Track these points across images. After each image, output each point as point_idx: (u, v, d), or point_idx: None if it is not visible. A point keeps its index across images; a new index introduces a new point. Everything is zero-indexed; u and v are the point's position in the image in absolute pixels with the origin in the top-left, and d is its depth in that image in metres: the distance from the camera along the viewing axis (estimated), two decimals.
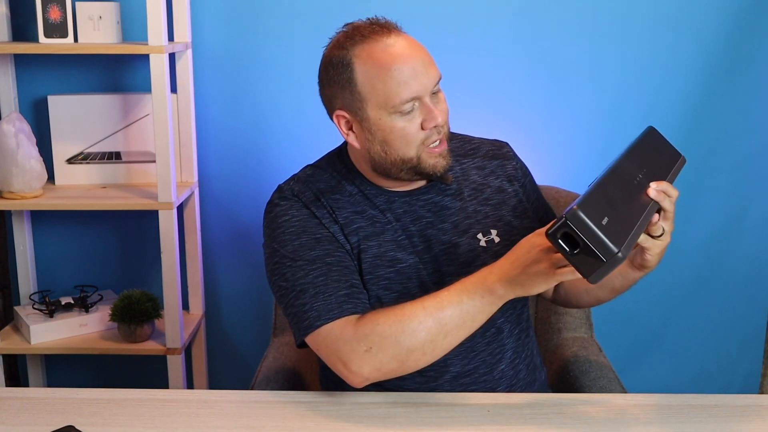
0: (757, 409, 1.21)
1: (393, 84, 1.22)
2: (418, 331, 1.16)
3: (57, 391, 1.25)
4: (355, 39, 1.25)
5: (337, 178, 1.36)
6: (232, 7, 2.04)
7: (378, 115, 1.25)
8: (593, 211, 0.97)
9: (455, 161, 1.40)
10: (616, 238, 0.97)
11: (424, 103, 1.24)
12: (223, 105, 2.10)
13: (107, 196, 1.96)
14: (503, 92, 2.08)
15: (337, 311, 1.21)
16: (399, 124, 1.24)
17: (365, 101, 1.25)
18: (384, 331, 1.16)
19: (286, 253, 1.27)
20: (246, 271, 2.20)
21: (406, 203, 1.34)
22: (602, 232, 0.96)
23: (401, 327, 1.16)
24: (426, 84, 1.24)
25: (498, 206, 1.38)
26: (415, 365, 1.19)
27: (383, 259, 1.30)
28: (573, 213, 0.96)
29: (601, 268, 0.97)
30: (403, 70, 1.22)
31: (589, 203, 0.99)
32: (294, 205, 1.32)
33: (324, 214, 1.31)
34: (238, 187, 2.15)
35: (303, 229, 1.29)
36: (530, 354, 1.42)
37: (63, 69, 2.08)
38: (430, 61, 1.26)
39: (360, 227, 1.31)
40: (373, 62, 1.23)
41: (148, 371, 2.23)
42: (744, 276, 2.23)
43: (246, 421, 1.17)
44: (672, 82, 2.08)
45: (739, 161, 2.15)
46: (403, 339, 1.16)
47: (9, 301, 2.20)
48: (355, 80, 1.25)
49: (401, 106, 1.23)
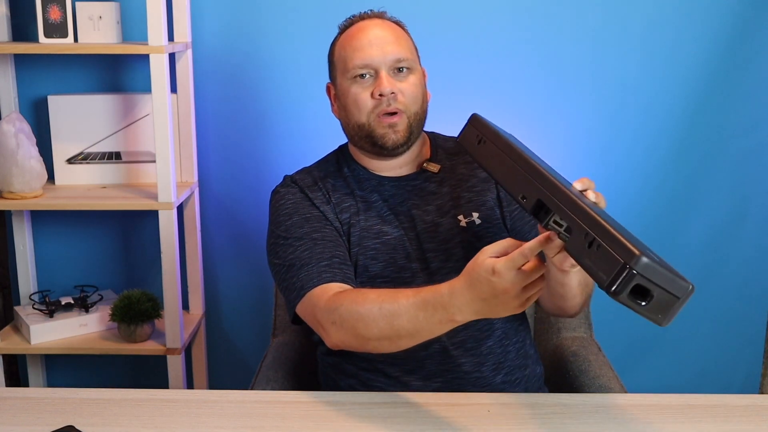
0: (757, 409, 1.21)
1: (350, 50, 1.37)
2: (371, 327, 1.19)
3: (57, 391, 1.25)
4: (347, 23, 1.44)
5: (336, 165, 1.48)
6: (232, 7, 2.04)
7: (342, 81, 1.40)
8: (645, 252, 0.85)
9: (446, 158, 1.47)
10: (674, 270, 0.86)
11: (379, 75, 1.35)
12: (223, 105, 2.10)
13: (107, 196, 1.96)
14: (503, 92, 2.08)
15: (316, 279, 1.29)
16: (353, 89, 1.37)
17: (336, 69, 1.42)
18: (343, 314, 1.21)
19: (279, 233, 1.38)
20: (246, 271, 2.20)
21: (394, 186, 1.44)
22: (669, 271, 0.85)
23: (358, 317, 1.19)
24: (381, 54, 1.35)
25: (482, 192, 1.44)
26: (377, 351, 1.24)
27: (370, 231, 1.39)
28: (639, 261, 0.83)
29: (675, 307, 0.86)
30: (361, 40, 1.37)
31: (634, 244, 0.86)
32: (290, 190, 1.43)
33: (318, 196, 1.41)
34: (238, 187, 2.15)
35: (295, 210, 1.40)
36: (521, 341, 1.44)
37: (63, 69, 2.08)
38: (395, 40, 1.37)
39: (350, 205, 1.42)
40: (345, 36, 1.41)
41: (148, 371, 2.23)
42: (744, 276, 2.23)
43: (246, 421, 1.17)
44: (672, 82, 2.08)
45: (739, 161, 2.15)
46: (358, 327, 1.20)
47: (9, 301, 2.20)
48: (333, 52, 1.44)
49: (355, 71, 1.36)
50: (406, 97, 1.36)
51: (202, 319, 2.20)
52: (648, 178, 2.14)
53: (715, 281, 2.23)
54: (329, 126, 2.07)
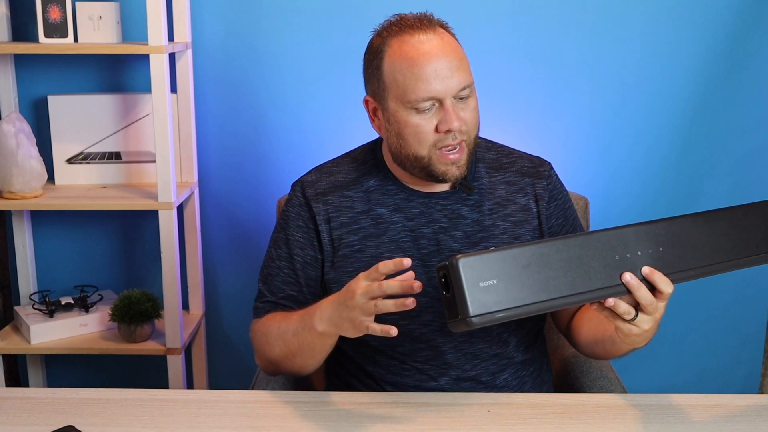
0: (757, 409, 1.21)
1: (412, 80, 1.23)
2: (273, 347, 1.28)
3: (57, 391, 1.25)
4: (393, 29, 1.27)
5: (361, 171, 1.38)
6: (232, 7, 2.04)
7: (396, 107, 1.26)
8: (478, 270, 0.95)
9: (486, 174, 1.38)
10: (484, 304, 0.95)
11: (444, 106, 1.23)
12: (223, 105, 2.10)
13: (107, 196, 1.96)
14: (503, 92, 2.08)
15: (259, 310, 1.37)
16: (413, 120, 1.25)
17: (387, 91, 1.27)
18: (256, 338, 1.33)
19: (271, 238, 1.41)
20: (246, 271, 2.20)
21: (423, 204, 1.34)
22: (470, 292, 0.94)
23: (264, 339, 1.30)
24: (447, 87, 1.23)
25: (519, 224, 1.36)
26: (291, 371, 1.30)
27: (380, 259, 1.30)
28: (455, 262, 0.94)
29: (454, 322, 0.96)
30: (425, 68, 1.22)
31: (482, 261, 0.96)
32: (294, 198, 1.39)
33: (321, 210, 1.35)
34: (238, 187, 2.15)
35: (286, 224, 1.38)
36: (538, 368, 1.41)
37: (63, 69, 2.08)
38: (459, 65, 1.24)
39: (362, 227, 1.33)
40: (400, 55, 1.24)
41: (148, 371, 2.23)
42: (744, 276, 2.22)
43: (246, 421, 1.17)
44: (672, 82, 2.08)
45: (739, 161, 2.15)
46: (265, 350, 1.31)
47: (9, 301, 2.20)
48: (382, 69, 1.27)
49: (417, 104, 1.23)
50: (469, 125, 1.26)
51: (202, 319, 2.20)
52: (648, 179, 2.14)
53: (715, 281, 2.21)
54: (329, 126, 2.09)
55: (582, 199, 1.74)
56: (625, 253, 1.03)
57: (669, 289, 1.04)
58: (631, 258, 1.03)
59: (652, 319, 1.07)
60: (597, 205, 1.91)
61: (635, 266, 1.03)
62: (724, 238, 1.10)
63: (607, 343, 1.26)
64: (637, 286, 1.03)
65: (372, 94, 1.31)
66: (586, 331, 1.33)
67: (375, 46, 1.29)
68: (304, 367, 1.27)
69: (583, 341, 1.34)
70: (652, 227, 1.05)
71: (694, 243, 1.07)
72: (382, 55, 1.27)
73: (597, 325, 1.28)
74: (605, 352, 1.30)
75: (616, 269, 1.02)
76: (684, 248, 1.06)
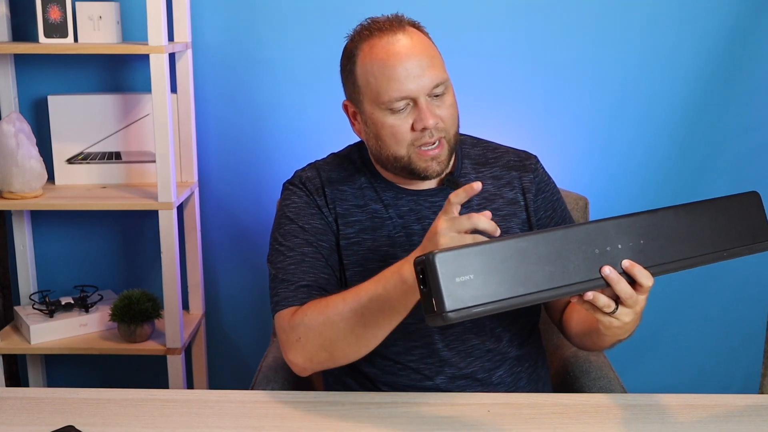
0: (757, 409, 1.21)
1: (385, 81, 1.23)
2: (337, 322, 1.18)
3: (57, 391, 1.25)
4: (364, 33, 1.28)
5: (350, 170, 1.38)
6: (232, 7, 2.04)
7: (371, 109, 1.27)
8: (455, 265, 0.93)
9: (472, 169, 1.39)
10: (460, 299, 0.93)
11: (419, 104, 1.24)
12: (223, 105, 2.10)
13: (107, 196, 1.96)
14: (503, 92, 2.08)
15: (291, 299, 1.26)
16: (389, 121, 1.26)
17: (362, 94, 1.28)
18: (309, 322, 1.20)
19: (277, 235, 1.34)
20: (246, 271, 2.20)
21: (412, 201, 1.35)
22: (446, 287, 0.93)
23: (323, 318, 1.19)
24: (419, 86, 1.23)
25: (507, 218, 1.36)
26: (345, 357, 1.22)
27: (376, 253, 1.32)
28: (432, 258, 0.93)
29: (432, 317, 0.95)
30: (396, 69, 1.23)
31: (459, 256, 0.94)
32: (297, 191, 1.36)
33: (323, 203, 1.34)
34: (238, 187, 2.15)
35: (297, 216, 1.34)
36: (533, 364, 1.42)
37: (63, 69, 2.08)
38: (429, 63, 1.25)
39: (358, 220, 1.34)
40: (371, 57, 1.25)
41: (148, 371, 2.23)
42: (744, 276, 2.23)
43: (246, 421, 1.17)
44: (671, 82, 2.08)
45: (738, 160, 2.15)
46: (325, 330, 1.19)
47: (9, 301, 2.20)
48: (355, 73, 1.28)
49: (391, 104, 1.24)
50: (446, 121, 1.27)
51: (202, 319, 2.20)
52: (648, 178, 2.14)
53: (715, 281, 2.23)
54: (329, 126, 2.08)
55: (582, 198, 1.74)
56: (605, 247, 1.02)
57: (649, 283, 1.03)
58: (611, 251, 1.02)
59: (633, 312, 1.06)
60: (596, 204, 1.91)
61: (615, 259, 1.02)
62: (706, 230, 1.09)
63: (593, 335, 1.27)
64: (617, 279, 1.01)
65: (349, 98, 1.32)
66: (575, 324, 1.35)
67: (348, 50, 1.30)
68: (374, 338, 1.19)
69: (574, 333, 1.36)
70: (633, 220, 1.04)
71: (676, 235, 1.06)
72: (354, 59, 1.28)
73: (585, 317, 1.30)
74: (593, 344, 1.31)
75: (596, 262, 1.01)
76: (665, 241, 1.05)
